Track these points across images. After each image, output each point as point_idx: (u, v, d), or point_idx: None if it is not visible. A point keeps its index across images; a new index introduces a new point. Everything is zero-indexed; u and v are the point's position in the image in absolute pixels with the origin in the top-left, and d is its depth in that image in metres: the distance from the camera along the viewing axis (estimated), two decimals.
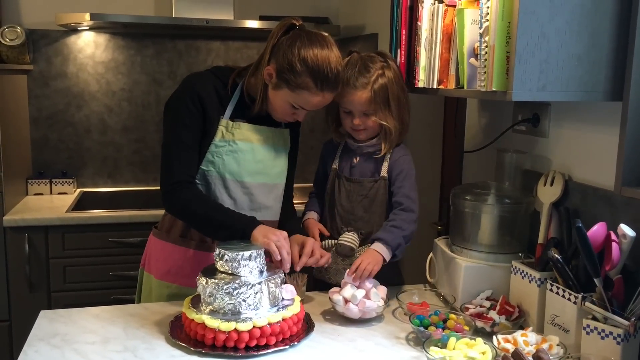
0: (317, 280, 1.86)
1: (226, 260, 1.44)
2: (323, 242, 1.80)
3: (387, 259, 1.67)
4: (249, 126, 1.69)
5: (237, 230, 1.57)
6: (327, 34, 1.65)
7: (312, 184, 1.98)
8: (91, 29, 3.06)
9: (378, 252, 1.66)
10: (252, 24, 2.89)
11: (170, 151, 1.64)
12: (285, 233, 1.58)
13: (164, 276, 1.76)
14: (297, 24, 1.64)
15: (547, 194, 1.60)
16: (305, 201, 1.98)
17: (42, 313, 1.60)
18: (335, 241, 1.78)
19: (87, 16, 2.68)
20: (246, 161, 1.69)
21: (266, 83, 1.64)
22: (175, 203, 1.64)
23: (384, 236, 1.69)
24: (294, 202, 1.93)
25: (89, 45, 3.11)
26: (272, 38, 1.63)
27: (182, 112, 1.63)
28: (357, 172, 1.82)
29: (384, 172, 1.79)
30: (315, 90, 1.59)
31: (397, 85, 1.74)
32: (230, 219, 1.60)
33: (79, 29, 3.04)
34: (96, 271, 2.67)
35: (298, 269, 1.63)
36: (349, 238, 1.76)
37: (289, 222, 1.83)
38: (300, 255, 1.63)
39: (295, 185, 1.94)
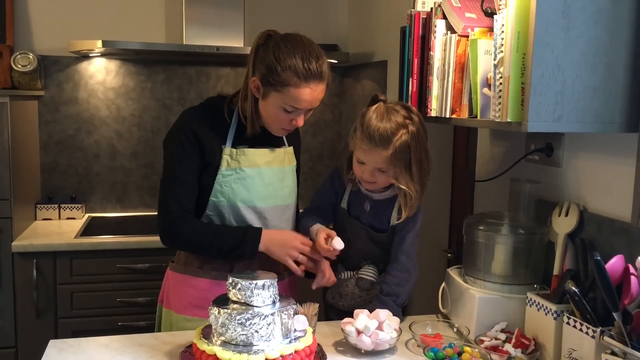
0: (329, 306, 1.84)
1: (239, 289, 1.42)
2: (342, 274, 1.79)
3: None
4: (253, 151, 1.68)
5: (245, 250, 1.65)
6: (302, 34, 1.65)
7: None
8: (102, 55, 3.09)
9: None
10: None
11: (165, 188, 1.67)
12: (299, 236, 1.69)
13: (184, 310, 1.73)
14: (273, 33, 1.64)
15: (562, 224, 1.59)
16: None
17: (52, 342, 1.58)
18: (354, 273, 1.77)
19: (99, 43, 2.71)
20: (255, 186, 1.68)
21: (256, 97, 1.63)
22: (175, 239, 1.67)
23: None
24: None
25: (100, 72, 3.13)
26: (252, 51, 1.64)
27: (176, 149, 1.66)
28: (368, 219, 1.76)
29: (393, 220, 1.75)
30: (299, 82, 1.56)
31: (419, 145, 1.62)
32: (235, 242, 1.65)
33: (90, 55, 3.07)
34: (103, 297, 2.66)
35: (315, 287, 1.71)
36: (370, 272, 1.76)
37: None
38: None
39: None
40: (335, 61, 3.07)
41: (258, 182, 1.68)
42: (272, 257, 1.67)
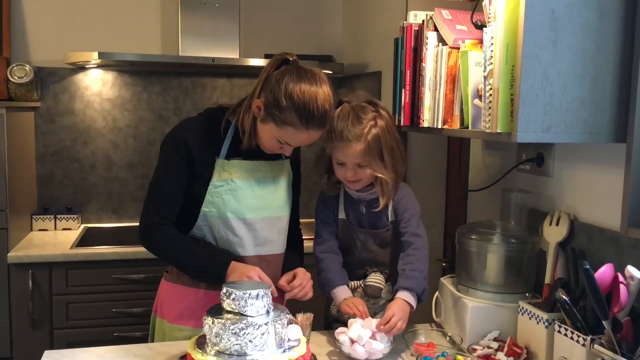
0: (333, 320, 1.85)
1: (233, 298, 1.43)
2: (350, 283, 1.79)
3: (415, 306, 1.66)
4: (245, 163, 1.70)
5: (212, 275, 1.65)
6: (318, 70, 1.63)
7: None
8: (99, 66, 3.10)
9: (406, 302, 1.64)
10: (257, 62, 2.93)
11: (149, 194, 1.71)
12: (258, 269, 1.63)
13: (177, 319, 1.74)
14: (291, 59, 1.64)
15: (553, 233, 1.60)
16: (310, 240, 1.92)
17: (47, 353, 1.59)
18: (360, 282, 1.79)
19: (95, 55, 2.72)
20: (246, 197, 1.69)
21: (255, 116, 1.64)
22: (149, 244, 1.71)
23: (408, 284, 1.66)
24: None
25: (96, 83, 3.15)
26: (265, 72, 1.64)
27: (166, 159, 1.70)
28: (367, 221, 1.80)
29: (391, 216, 1.79)
30: (300, 127, 1.57)
31: (389, 135, 1.71)
32: (202, 263, 1.66)
33: (86, 66, 3.08)
34: (99, 308, 2.65)
35: (287, 297, 1.68)
36: (377, 279, 1.77)
37: (291, 259, 1.83)
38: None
39: (300, 219, 1.95)
40: (330, 72, 3.09)
41: (249, 193, 1.69)
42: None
